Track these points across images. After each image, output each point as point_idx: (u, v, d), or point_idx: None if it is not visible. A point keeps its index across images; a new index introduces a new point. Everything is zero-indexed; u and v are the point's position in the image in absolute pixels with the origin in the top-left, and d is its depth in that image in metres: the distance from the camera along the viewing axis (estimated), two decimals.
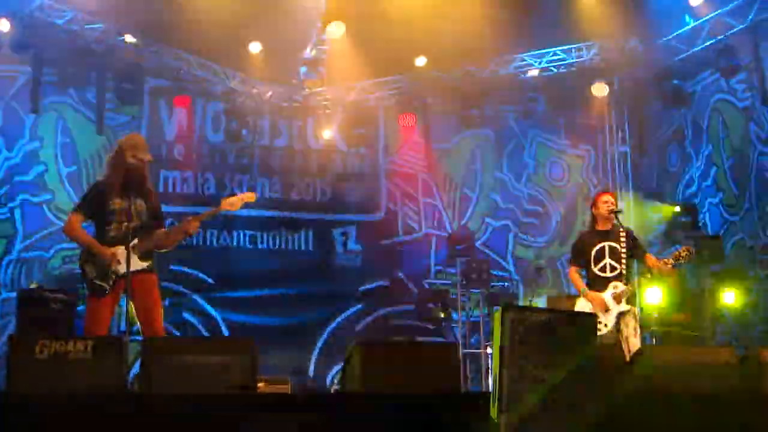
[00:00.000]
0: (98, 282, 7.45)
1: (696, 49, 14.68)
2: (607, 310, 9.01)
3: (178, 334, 14.44)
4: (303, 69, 15.54)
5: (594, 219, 9.48)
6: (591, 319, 5.97)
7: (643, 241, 10.03)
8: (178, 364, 5.85)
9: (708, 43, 14.39)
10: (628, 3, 14.45)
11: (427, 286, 17.02)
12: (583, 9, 14.49)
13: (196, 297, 15.77)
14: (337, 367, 14.88)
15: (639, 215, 15.72)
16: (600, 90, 15.99)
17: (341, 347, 6.86)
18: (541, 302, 12.78)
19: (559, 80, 16.35)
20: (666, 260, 9.19)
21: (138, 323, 7.57)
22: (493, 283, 16.03)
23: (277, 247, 16.79)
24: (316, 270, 16.79)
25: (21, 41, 13.97)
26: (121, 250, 7.41)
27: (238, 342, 6.32)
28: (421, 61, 16.00)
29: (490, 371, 12.72)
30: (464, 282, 15.38)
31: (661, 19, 14.98)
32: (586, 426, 5.08)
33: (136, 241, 7.55)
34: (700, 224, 15.00)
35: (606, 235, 9.27)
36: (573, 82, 16.35)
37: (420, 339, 16.20)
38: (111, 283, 7.43)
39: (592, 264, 9.25)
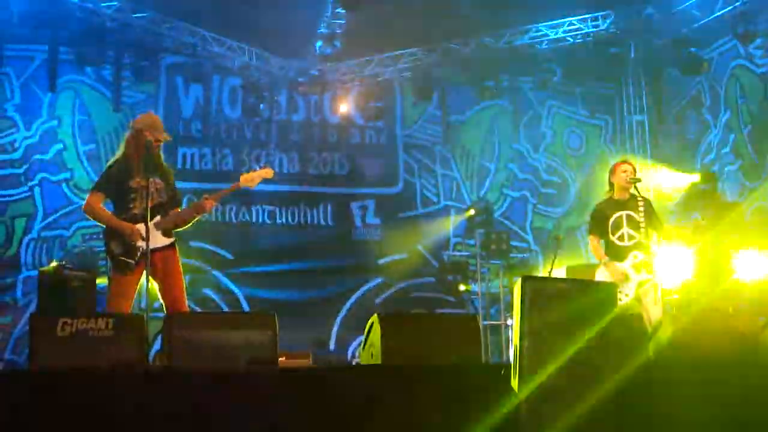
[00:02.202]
0: (124, 258, 7.42)
1: (713, 15, 14.57)
2: (627, 279, 8.98)
3: (199, 310, 14.46)
4: (319, 43, 15.48)
5: (612, 188, 9.44)
6: (611, 288, 5.96)
7: (660, 211, 9.95)
8: (199, 340, 5.88)
9: (725, 10, 14.28)
10: None
11: (446, 258, 17.04)
12: None
13: (216, 273, 15.81)
14: (357, 341, 14.89)
15: (658, 184, 15.64)
16: None
17: (361, 320, 6.84)
18: (560, 272, 12.72)
19: (576, 50, 16.26)
20: (683, 228, 9.15)
21: (161, 300, 7.58)
22: (512, 254, 16.06)
23: (296, 221, 16.78)
24: (336, 244, 16.79)
25: (37, 20, 14.01)
26: (143, 227, 7.34)
27: (259, 317, 6.32)
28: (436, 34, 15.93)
29: (510, 342, 12.73)
30: (483, 253, 15.40)
31: None
32: (607, 395, 5.10)
33: (158, 218, 7.57)
34: (719, 192, 14.93)
35: (624, 204, 9.21)
36: (589, 52, 16.27)
37: (440, 311, 16.24)
38: (136, 259, 7.41)
39: (610, 233, 9.20)
